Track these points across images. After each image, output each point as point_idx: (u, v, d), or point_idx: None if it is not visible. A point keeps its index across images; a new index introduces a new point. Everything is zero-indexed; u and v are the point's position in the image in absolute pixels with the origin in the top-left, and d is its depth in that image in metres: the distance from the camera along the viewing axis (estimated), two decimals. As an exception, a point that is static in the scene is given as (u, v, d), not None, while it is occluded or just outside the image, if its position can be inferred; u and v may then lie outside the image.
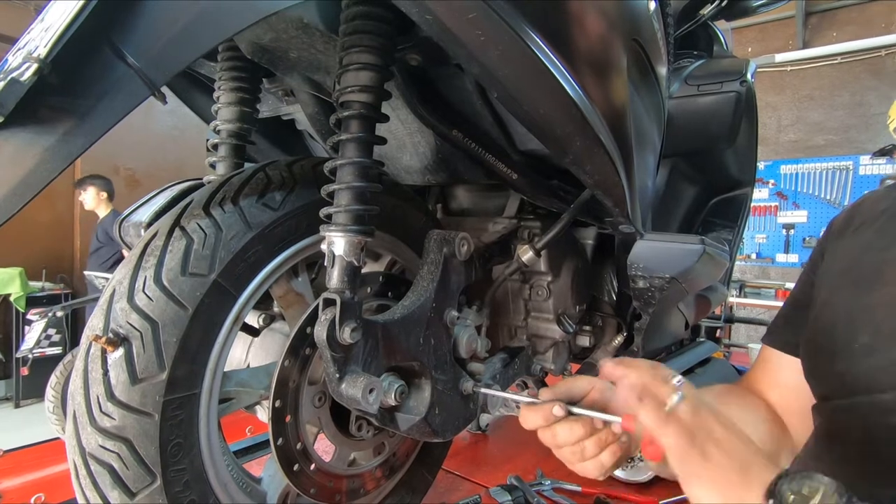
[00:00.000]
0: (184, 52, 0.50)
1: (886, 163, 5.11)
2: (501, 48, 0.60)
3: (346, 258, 0.67)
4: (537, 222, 1.05)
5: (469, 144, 0.85)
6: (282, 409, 0.70)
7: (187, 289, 0.60)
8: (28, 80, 0.40)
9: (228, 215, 0.65)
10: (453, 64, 0.78)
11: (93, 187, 4.18)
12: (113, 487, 0.57)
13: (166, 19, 0.49)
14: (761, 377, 0.85)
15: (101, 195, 4.24)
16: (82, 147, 0.47)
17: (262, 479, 0.78)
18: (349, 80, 0.67)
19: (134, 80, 0.48)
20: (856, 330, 0.64)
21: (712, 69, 1.81)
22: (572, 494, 1.22)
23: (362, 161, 0.67)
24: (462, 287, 0.86)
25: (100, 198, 4.23)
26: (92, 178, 4.19)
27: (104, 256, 4.24)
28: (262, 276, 0.69)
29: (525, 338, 1.11)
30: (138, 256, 0.62)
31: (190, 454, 0.62)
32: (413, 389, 0.81)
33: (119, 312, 0.59)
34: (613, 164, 0.78)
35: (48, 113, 0.45)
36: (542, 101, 0.66)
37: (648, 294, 1.06)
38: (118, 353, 0.57)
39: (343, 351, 0.66)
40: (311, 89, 0.92)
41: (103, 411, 0.57)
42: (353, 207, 0.67)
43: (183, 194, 0.89)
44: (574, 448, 0.63)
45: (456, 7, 0.56)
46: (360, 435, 0.81)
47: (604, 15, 0.73)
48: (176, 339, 0.59)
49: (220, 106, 0.88)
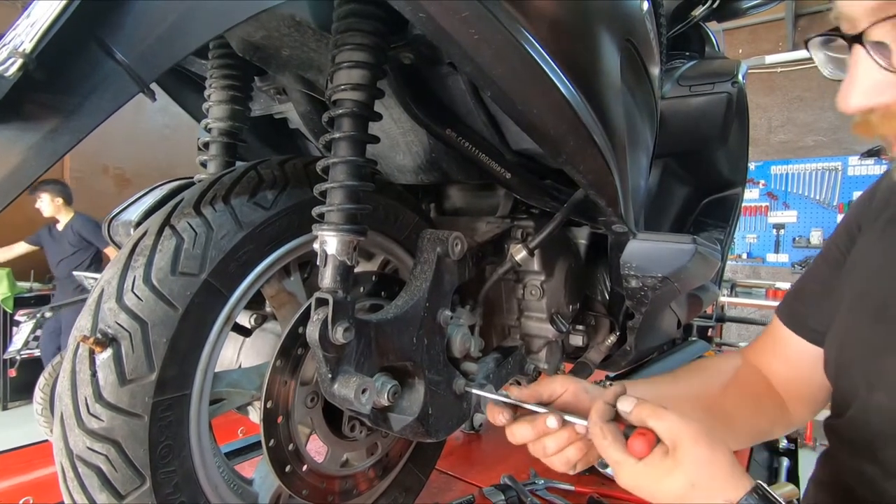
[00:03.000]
0: (173, 48, 0.49)
1: (875, 163, 5.17)
2: (495, 47, 0.60)
3: (338, 257, 0.66)
4: (530, 222, 1.05)
5: (462, 144, 0.85)
6: (273, 409, 0.69)
7: (177, 288, 0.60)
8: (13, 75, 0.39)
9: (219, 214, 0.65)
10: (447, 63, 0.78)
11: (46, 193, 4.01)
12: (101, 490, 0.56)
13: (155, 15, 0.48)
14: (768, 351, 0.85)
15: (57, 201, 4.07)
16: (68, 145, 0.46)
17: (254, 481, 0.78)
18: (342, 78, 0.66)
19: (122, 76, 0.47)
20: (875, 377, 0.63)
21: (704, 70, 1.82)
22: (566, 494, 1.22)
23: (355, 160, 0.67)
24: (455, 286, 0.85)
25: (55, 203, 4.06)
26: (44, 183, 3.95)
27: (78, 260, 4.14)
28: (254, 275, 0.68)
29: (518, 337, 1.11)
30: (127, 256, 0.61)
31: (180, 456, 0.62)
32: (406, 389, 0.80)
33: (107, 312, 0.58)
34: (607, 163, 0.78)
35: (33, 109, 0.45)
36: (536, 101, 0.66)
37: (641, 293, 1.07)
38: (106, 354, 0.56)
39: (335, 351, 0.66)
40: (303, 88, 0.91)
41: (91, 413, 0.56)
42: (346, 206, 0.66)
43: (173, 193, 0.88)
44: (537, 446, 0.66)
45: (449, 6, 0.56)
46: (352, 435, 0.81)
47: (598, 14, 0.73)
48: (165, 340, 0.58)
49: (211, 104, 0.87)
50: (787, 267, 5.63)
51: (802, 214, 5.60)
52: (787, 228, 5.69)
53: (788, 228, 5.67)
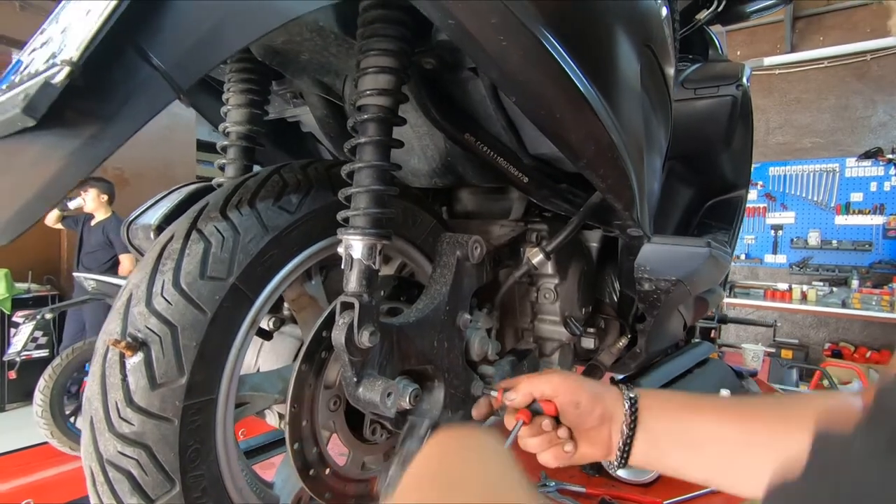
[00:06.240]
0: (209, 54, 0.50)
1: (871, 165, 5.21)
2: (522, 53, 0.61)
3: (363, 261, 0.66)
4: (544, 225, 1.05)
5: (481, 148, 0.85)
6: (298, 413, 0.69)
7: (206, 292, 0.60)
8: (60, 83, 0.39)
9: (245, 218, 0.65)
10: (467, 68, 0.78)
11: (94, 189, 4.09)
12: (132, 494, 0.56)
13: (193, 21, 0.48)
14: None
15: (102, 197, 4.16)
16: (108, 150, 0.46)
17: (275, 484, 0.78)
18: (368, 83, 0.66)
19: (159, 82, 0.47)
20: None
21: (708, 73, 1.83)
22: (577, 495, 1.23)
23: (381, 164, 0.67)
24: (474, 290, 0.86)
25: (100, 200, 4.15)
26: (94, 179, 4.10)
27: (102, 259, 4.18)
28: (278, 279, 0.69)
29: (531, 340, 1.12)
30: (155, 260, 0.61)
31: (207, 459, 0.62)
32: (426, 392, 0.81)
33: (137, 316, 0.58)
34: (625, 168, 0.79)
35: (73, 116, 0.45)
36: (560, 106, 0.67)
37: (654, 296, 1.08)
38: (137, 358, 0.56)
39: (361, 354, 0.66)
40: (320, 91, 0.91)
41: (122, 417, 0.56)
42: (372, 210, 0.66)
43: (191, 197, 0.88)
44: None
45: (479, 12, 0.57)
46: (373, 438, 0.81)
47: (622, 21, 0.73)
48: (195, 344, 0.58)
49: (229, 108, 0.87)
50: (785, 268, 5.65)
51: (800, 215, 5.62)
52: (784, 229, 5.71)
53: (786, 229, 5.69)
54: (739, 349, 2.85)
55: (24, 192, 0.44)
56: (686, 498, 1.19)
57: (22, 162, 0.45)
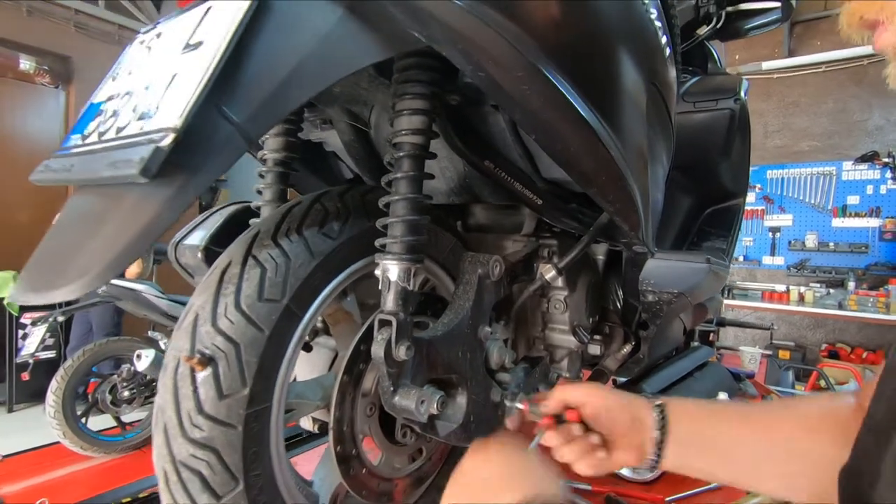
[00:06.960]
0: (278, 106, 0.56)
1: (868, 168, 5.29)
2: (542, 99, 0.68)
3: (399, 283, 0.74)
4: (554, 241, 1.13)
5: (499, 174, 0.93)
6: (340, 419, 0.77)
7: (263, 313, 0.67)
8: (167, 146, 0.47)
9: (295, 245, 0.72)
10: (489, 104, 0.86)
11: None
12: (202, 492, 0.63)
13: (266, 78, 0.55)
14: None
15: None
16: (193, 196, 0.53)
17: (314, 482, 0.86)
18: (403, 123, 0.74)
19: (235, 136, 0.54)
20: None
21: (707, 86, 1.90)
22: (583, 493, 1.31)
23: (415, 197, 0.75)
24: (493, 304, 0.93)
25: None
26: None
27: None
28: (321, 298, 0.76)
29: (542, 348, 1.19)
30: (217, 284, 0.68)
31: (263, 461, 0.69)
32: (450, 399, 0.88)
33: (204, 335, 0.65)
34: (632, 194, 0.87)
35: (166, 168, 0.52)
36: (575, 142, 0.75)
37: (657, 307, 1.15)
38: (206, 372, 0.64)
39: (397, 367, 0.74)
40: (348, 119, 0.99)
41: (194, 424, 0.63)
42: (407, 238, 0.74)
43: (232, 218, 0.96)
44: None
45: (507, 67, 0.64)
46: (404, 441, 0.89)
47: (631, 67, 0.81)
48: (256, 359, 0.66)
49: (267, 136, 0.95)
50: (783, 269, 5.74)
51: (798, 218, 5.71)
52: (782, 232, 5.80)
53: (784, 232, 5.78)
54: (737, 352, 2.93)
55: (121, 239, 0.50)
56: (688, 494, 1.27)
57: (121, 210, 0.52)
